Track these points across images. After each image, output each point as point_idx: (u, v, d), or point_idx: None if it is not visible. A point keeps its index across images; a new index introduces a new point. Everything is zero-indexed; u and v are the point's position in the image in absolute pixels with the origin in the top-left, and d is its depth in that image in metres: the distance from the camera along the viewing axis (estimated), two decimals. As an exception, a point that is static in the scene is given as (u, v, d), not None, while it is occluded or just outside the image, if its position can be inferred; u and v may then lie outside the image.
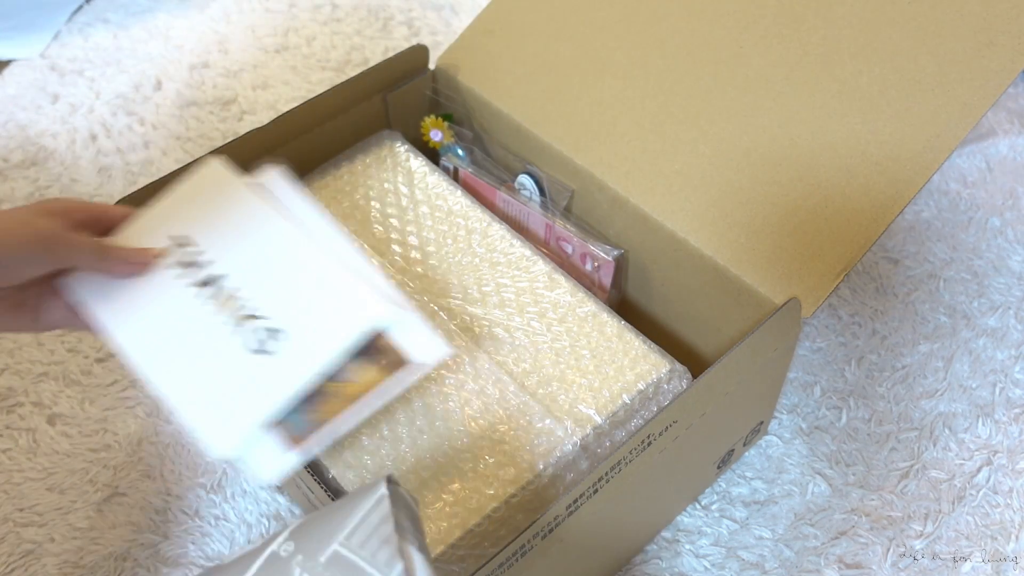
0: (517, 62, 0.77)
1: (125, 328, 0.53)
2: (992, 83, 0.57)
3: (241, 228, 0.56)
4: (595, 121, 0.71)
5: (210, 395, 0.51)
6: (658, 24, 0.71)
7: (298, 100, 1.04)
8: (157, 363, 0.52)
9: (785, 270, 0.61)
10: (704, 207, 0.65)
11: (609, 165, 0.69)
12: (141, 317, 0.53)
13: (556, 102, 0.74)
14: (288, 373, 0.51)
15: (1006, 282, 0.85)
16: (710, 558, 0.68)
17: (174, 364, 0.52)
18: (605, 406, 0.60)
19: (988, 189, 0.94)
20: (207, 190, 0.58)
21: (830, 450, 0.74)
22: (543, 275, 0.67)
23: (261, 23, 1.17)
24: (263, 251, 0.55)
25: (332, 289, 0.53)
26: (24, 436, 0.75)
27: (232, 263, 0.54)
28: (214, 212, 0.57)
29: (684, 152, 0.67)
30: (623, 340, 0.64)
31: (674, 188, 0.66)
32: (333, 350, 0.51)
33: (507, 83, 0.76)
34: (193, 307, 0.53)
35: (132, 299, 0.54)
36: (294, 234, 0.55)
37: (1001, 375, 0.78)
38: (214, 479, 0.72)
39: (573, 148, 0.71)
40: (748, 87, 0.66)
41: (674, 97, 0.69)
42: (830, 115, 0.62)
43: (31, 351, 0.81)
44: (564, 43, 0.75)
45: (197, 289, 0.54)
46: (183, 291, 0.54)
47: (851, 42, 0.63)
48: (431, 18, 1.17)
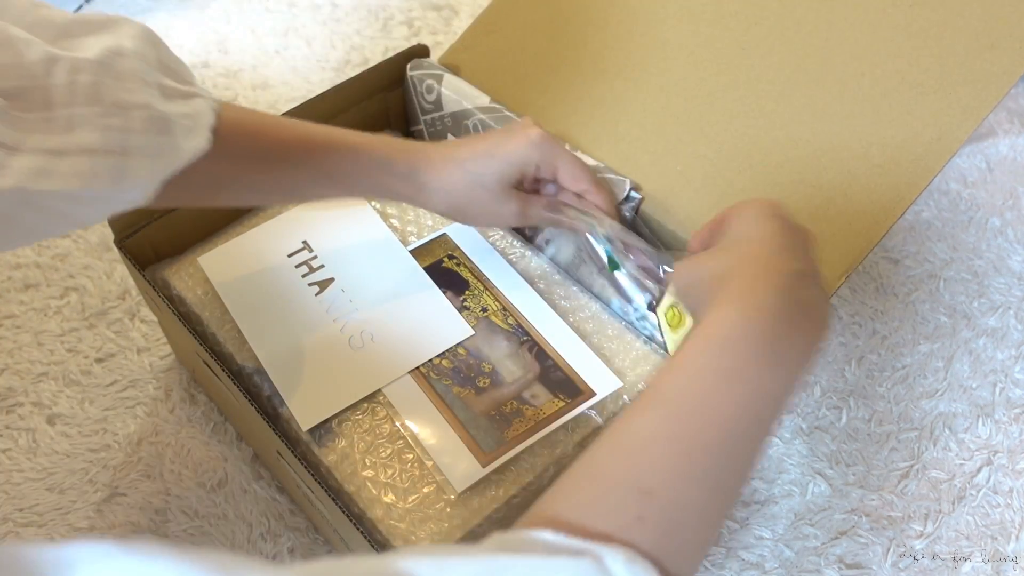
0: (517, 62, 0.77)
1: (249, 306, 0.65)
2: (994, 86, 0.57)
3: (357, 241, 0.69)
4: (596, 122, 0.71)
5: (308, 376, 0.61)
6: (660, 25, 0.71)
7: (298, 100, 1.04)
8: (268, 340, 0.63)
9: (786, 271, 0.61)
10: (706, 208, 0.65)
11: (610, 166, 0.69)
12: (264, 297, 0.66)
13: (556, 103, 0.74)
14: (379, 370, 0.61)
15: (1006, 282, 0.85)
16: (710, 558, 0.68)
17: (282, 342, 0.63)
18: (605, 407, 0.60)
19: (988, 189, 0.94)
20: (335, 205, 0.71)
21: (830, 450, 0.74)
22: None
23: (261, 23, 1.17)
24: (375, 266, 0.67)
25: (429, 307, 0.65)
26: (24, 436, 0.75)
27: (346, 273, 0.67)
28: (338, 223, 0.70)
29: (685, 153, 0.67)
30: (623, 341, 0.64)
31: (675, 189, 0.66)
32: (421, 357, 0.62)
33: (507, 83, 0.76)
34: (309, 299, 0.65)
35: (262, 283, 0.67)
36: (406, 254, 0.68)
37: (1001, 375, 0.78)
38: (214, 479, 0.72)
39: (573, 149, 0.71)
40: (750, 88, 0.66)
41: (676, 98, 0.69)
42: (832, 117, 0.62)
43: (31, 351, 0.81)
44: (564, 43, 0.75)
45: (316, 287, 0.66)
46: (304, 286, 0.66)
47: (853, 44, 0.63)
48: (431, 18, 1.17)
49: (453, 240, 0.69)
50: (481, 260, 0.68)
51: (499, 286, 0.66)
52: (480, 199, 0.60)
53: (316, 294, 0.65)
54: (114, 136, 0.44)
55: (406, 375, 0.61)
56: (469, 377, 0.61)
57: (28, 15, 0.45)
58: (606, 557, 0.30)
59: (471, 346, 0.62)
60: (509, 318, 0.64)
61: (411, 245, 0.69)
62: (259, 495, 0.71)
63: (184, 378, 0.78)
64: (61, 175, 0.42)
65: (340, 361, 0.62)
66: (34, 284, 0.86)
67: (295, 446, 0.59)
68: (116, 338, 0.82)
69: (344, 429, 0.59)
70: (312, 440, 0.59)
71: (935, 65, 0.60)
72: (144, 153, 0.46)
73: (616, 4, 0.74)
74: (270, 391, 0.61)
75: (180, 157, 0.48)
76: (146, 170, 0.47)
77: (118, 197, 0.47)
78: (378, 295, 0.65)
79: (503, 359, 0.62)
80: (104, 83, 0.45)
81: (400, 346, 0.62)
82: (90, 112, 0.44)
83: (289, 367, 0.61)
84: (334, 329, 0.63)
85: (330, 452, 0.58)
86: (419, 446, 0.58)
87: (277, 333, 0.63)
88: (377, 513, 0.55)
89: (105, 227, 0.89)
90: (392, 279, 0.66)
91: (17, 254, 0.88)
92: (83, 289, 0.85)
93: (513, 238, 0.71)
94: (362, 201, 0.72)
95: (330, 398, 0.60)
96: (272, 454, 0.64)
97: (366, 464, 0.57)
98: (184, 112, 0.49)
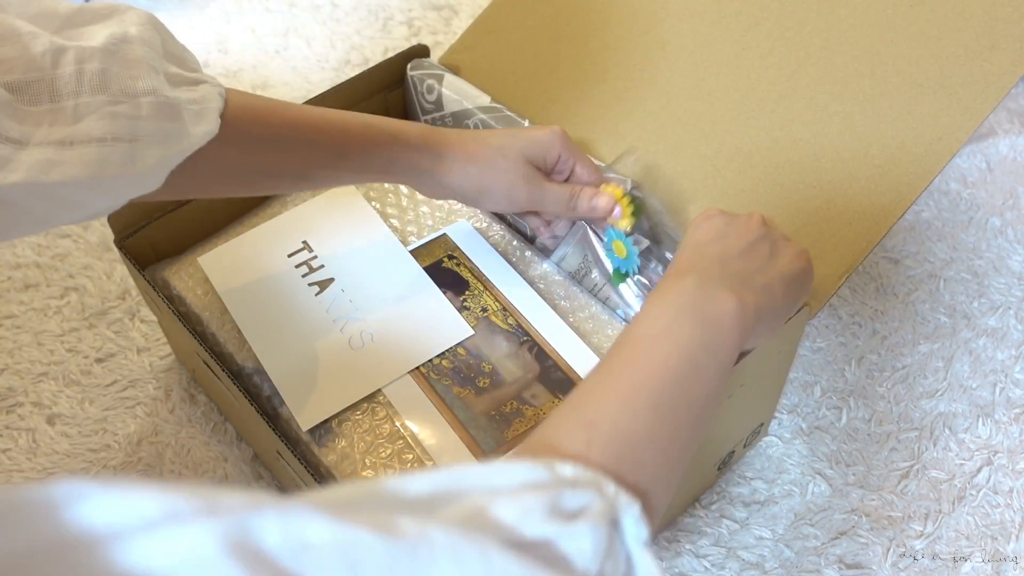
0: (517, 62, 0.77)
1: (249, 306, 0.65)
2: (994, 86, 0.57)
3: (357, 241, 0.69)
4: (596, 122, 0.71)
5: (308, 376, 0.61)
6: (660, 25, 0.71)
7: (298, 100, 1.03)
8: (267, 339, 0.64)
9: (786, 271, 0.61)
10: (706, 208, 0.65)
11: (611, 165, 0.69)
12: (264, 297, 0.66)
13: (557, 103, 0.74)
14: (379, 370, 0.61)
15: (1006, 282, 0.85)
16: (710, 558, 0.68)
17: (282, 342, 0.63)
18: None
19: (988, 189, 0.94)
20: (335, 205, 0.72)
21: (830, 450, 0.74)
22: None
23: (261, 23, 1.17)
24: (376, 267, 0.67)
25: (429, 307, 0.65)
26: (24, 436, 0.75)
27: (346, 273, 0.67)
28: (338, 223, 0.70)
29: (686, 154, 0.67)
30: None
31: (676, 189, 0.66)
32: (421, 358, 0.62)
33: (507, 83, 0.76)
34: (309, 300, 0.65)
35: (262, 283, 0.67)
36: (406, 254, 0.68)
37: (1001, 375, 0.78)
38: (214, 479, 0.72)
39: (574, 149, 0.72)
40: (750, 89, 0.66)
41: (676, 98, 0.69)
42: (832, 117, 0.62)
43: (31, 351, 0.81)
44: (565, 43, 0.75)
45: (316, 287, 0.66)
46: (304, 286, 0.66)
47: (853, 45, 0.63)
48: (431, 18, 1.17)
49: (453, 240, 0.69)
50: (481, 260, 0.68)
51: (499, 286, 0.66)
52: (500, 169, 0.60)
53: (316, 294, 0.65)
54: (123, 123, 0.45)
55: (406, 375, 0.61)
56: (469, 377, 0.61)
57: (31, 6, 0.45)
58: (556, 464, 0.35)
59: (471, 346, 0.62)
60: (509, 318, 0.64)
61: (411, 245, 0.69)
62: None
63: (184, 378, 0.78)
64: (70, 165, 0.43)
65: (340, 361, 0.62)
66: (34, 284, 0.86)
67: (295, 446, 0.59)
68: (116, 338, 0.82)
69: (344, 429, 0.59)
70: (312, 440, 0.59)
71: (935, 66, 0.60)
72: (153, 139, 0.46)
73: (617, 4, 0.74)
74: (270, 391, 0.61)
75: (190, 142, 0.48)
76: (156, 156, 0.47)
77: (131, 184, 0.47)
78: (378, 295, 0.65)
79: (503, 359, 0.62)
80: (111, 71, 0.45)
81: (400, 346, 0.62)
82: (97, 100, 0.44)
83: (289, 367, 0.61)
84: (334, 329, 0.63)
85: (330, 452, 0.58)
86: (419, 446, 0.58)
87: (277, 333, 0.63)
88: (377, 513, 0.55)
89: (105, 227, 0.89)
90: (392, 279, 0.66)
91: (17, 254, 0.88)
92: (83, 289, 0.85)
93: (513, 237, 0.71)
94: (362, 201, 0.72)
95: (330, 398, 0.60)
96: (272, 454, 0.64)
97: (366, 464, 0.57)
98: (192, 98, 0.49)
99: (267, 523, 0.24)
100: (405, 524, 0.27)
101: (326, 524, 0.25)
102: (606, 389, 0.41)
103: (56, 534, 0.22)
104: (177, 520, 0.23)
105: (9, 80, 0.42)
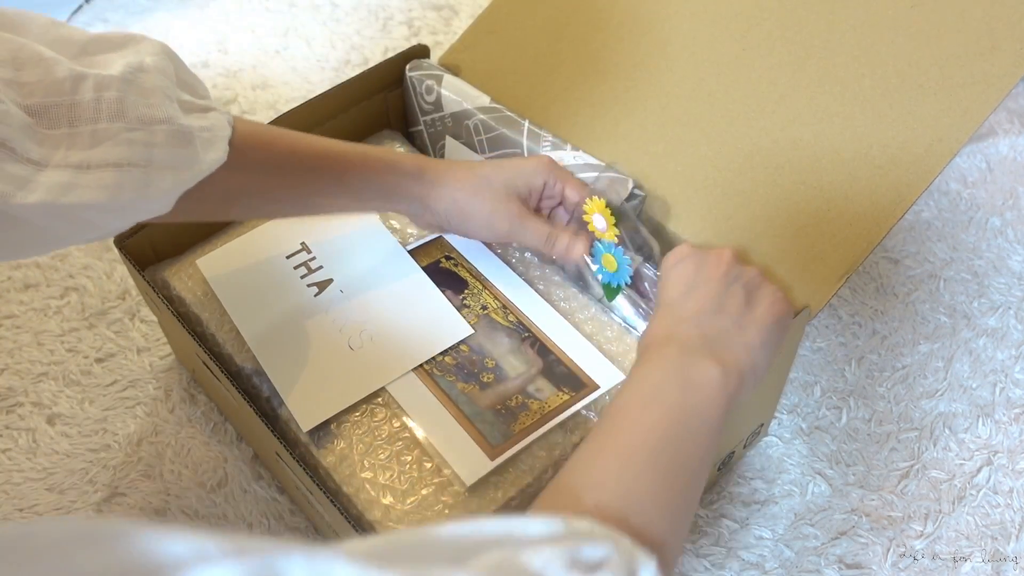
0: (518, 62, 0.77)
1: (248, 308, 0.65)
2: (995, 87, 0.57)
3: (356, 242, 0.69)
4: (596, 122, 0.71)
5: (308, 376, 0.61)
6: (660, 25, 0.71)
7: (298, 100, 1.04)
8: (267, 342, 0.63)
9: (787, 273, 0.61)
10: (706, 210, 0.65)
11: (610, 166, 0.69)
12: (263, 298, 0.66)
13: (557, 103, 0.74)
14: (379, 371, 0.61)
15: (1006, 282, 0.85)
16: (710, 558, 0.68)
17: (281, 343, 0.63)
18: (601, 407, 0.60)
19: (988, 189, 0.94)
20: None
21: (830, 450, 0.74)
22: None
23: (261, 23, 1.17)
24: (374, 267, 0.67)
25: (428, 306, 0.65)
26: (24, 436, 0.75)
27: (345, 274, 0.67)
28: (336, 224, 0.70)
29: (686, 154, 0.67)
30: (623, 342, 0.64)
31: (676, 190, 0.66)
32: (421, 357, 0.61)
33: (507, 83, 0.76)
34: (308, 301, 0.65)
35: (260, 284, 0.67)
36: (404, 255, 0.68)
37: (1001, 375, 0.78)
38: (214, 479, 0.72)
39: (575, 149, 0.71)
40: (750, 89, 0.66)
41: (676, 99, 0.69)
42: (832, 118, 0.62)
43: (31, 351, 0.81)
44: (565, 43, 0.75)
45: (315, 288, 0.66)
46: (303, 287, 0.66)
47: (854, 45, 0.63)
48: (431, 18, 1.17)
49: (450, 242, 0.69)
50: (478, 261, 0.68)
51: (498, 285, 0.66)
52: (483, 198, 0.61)
53: (315, 295, 0.65)
54: (138, 150, 0.46)
55: (410, 372, 0.61)
56: (473, 373, 0.61)
57: (49, 33, 0.47)
58: (571, 519, 0.36)
59: (473, 343, 0.63)
60: (509, 315, 0.64)
61: (409, 246, 0.69)
62: (259, 495, 0.71)
63: (184, 378, 0.78)
64: (87, 188, 0.44)
65: (339, 362, 0.62)
66: (34, 284, 0.86)
67: (294, 447, 0.59)
68: (116, 338, 0.82)
69: (343, 430, 0.59)
70: (311, 441, 0.59)
71: (935, 66, 0.60)
72: (167, 165, 0.48)
73: (617, 4, 0.74)
74: (269, 392, 0.61)
75: (201, 169, 0.50)
76: (169, 182, 0.49)
77: (142, 207, 0.49)
78: (377, 295, 0.65)
79: (506, 355, 0.62)
80: (128, 99, 0.46)
81: (400, 346, 0.62)
82: (115, 127, 0.46)
83: (288, 368, 0.61)
84: (333, 330, 0.63)
85: (329, 453, 0.58)
86: (419, 446, 0.58)
87: (276, 334, 0.63)
88: (375, 515, 0.55)
89: (105, 227, 0.89)
90: (391, 279, 0.66)
91: (17, 254, 0.88)
92: (83, 289, 0.85)
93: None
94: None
95: (329, 399, 0.60)
96: (271, 455, 0.64)
97: (365, 466, 0.57)
98: (203, 125, 0.50)
99: (293, 566, 0.25)
100: (438, 573, 0.27)
101: (353, 570, 0.26)
102: (606, 453, 0.43)
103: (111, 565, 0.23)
104: (206, 561, 0.24)
105: (30, 103, 0.44)
